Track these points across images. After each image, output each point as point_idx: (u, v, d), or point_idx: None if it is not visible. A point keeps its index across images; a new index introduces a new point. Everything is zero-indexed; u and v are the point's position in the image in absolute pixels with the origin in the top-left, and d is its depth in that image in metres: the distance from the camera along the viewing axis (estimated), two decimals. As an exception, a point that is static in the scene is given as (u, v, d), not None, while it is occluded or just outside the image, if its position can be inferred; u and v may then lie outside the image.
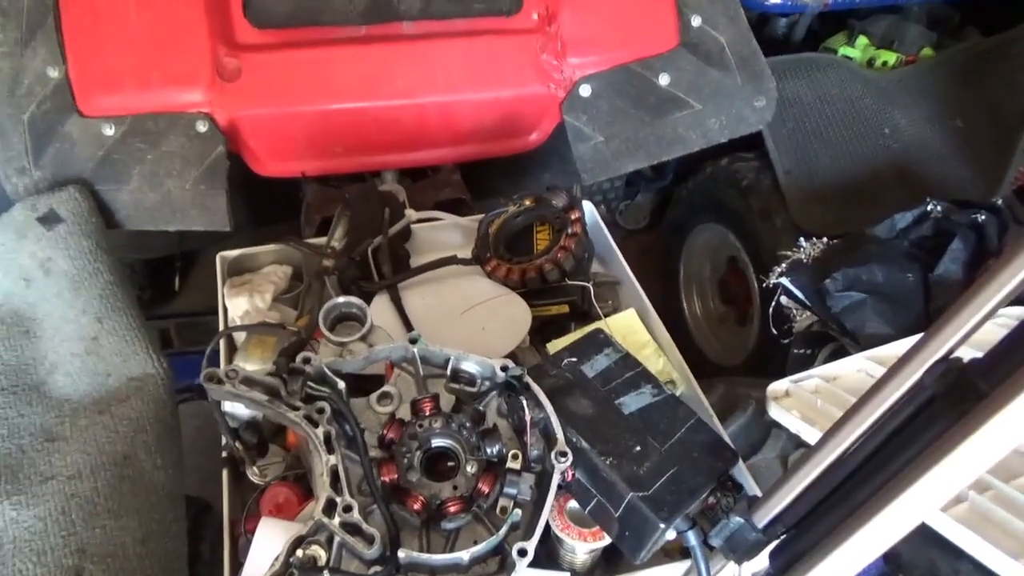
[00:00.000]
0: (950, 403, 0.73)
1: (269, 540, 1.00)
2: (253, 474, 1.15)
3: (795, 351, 1.78)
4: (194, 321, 2.52)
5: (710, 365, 2.57)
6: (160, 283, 2.65)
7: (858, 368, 1.50)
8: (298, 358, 1.01)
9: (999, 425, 0.66)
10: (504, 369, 1.03)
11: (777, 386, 1.45)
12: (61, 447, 1.40)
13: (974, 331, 0.75)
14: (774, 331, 1.86)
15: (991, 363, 0.72)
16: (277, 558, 0.88)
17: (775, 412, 1.41)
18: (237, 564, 1.07)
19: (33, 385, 1.50)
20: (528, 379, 1.02)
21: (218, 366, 1.31)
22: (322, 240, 1.51)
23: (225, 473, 1.16)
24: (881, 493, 0.77)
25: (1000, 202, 1.78)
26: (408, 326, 1.32)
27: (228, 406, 1.12)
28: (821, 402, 1.40)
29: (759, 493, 1.14)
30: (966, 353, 0.77)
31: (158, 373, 1.52)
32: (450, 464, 1.02)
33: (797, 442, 1.59)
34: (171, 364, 1.55)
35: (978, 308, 0.74)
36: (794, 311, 1.79)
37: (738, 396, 1.72)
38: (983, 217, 1.76)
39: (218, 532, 1.19)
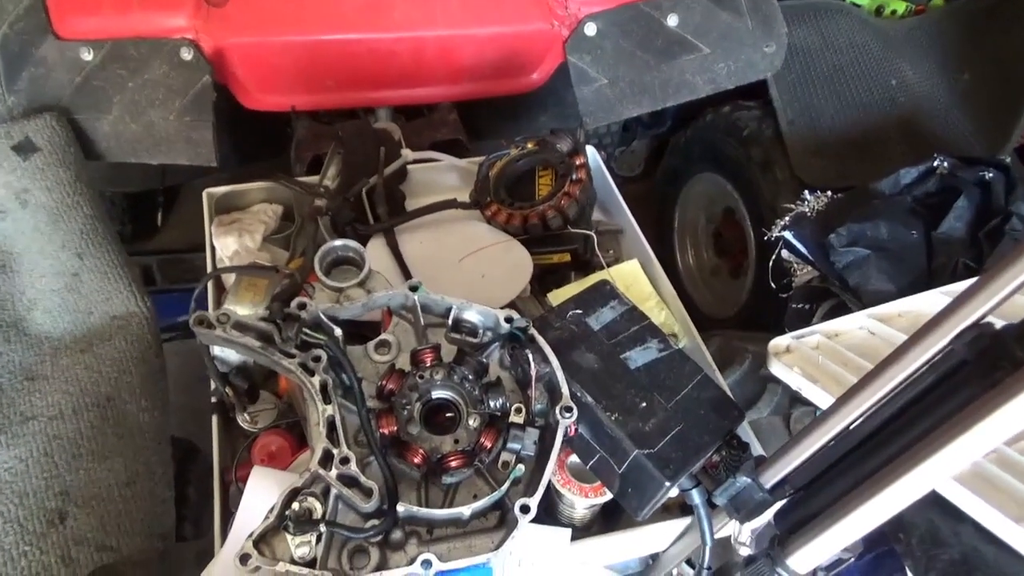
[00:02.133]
0: (982, 370, 0.70)
1: (262, 490, 0.97)
2: (244, 421, 1.11)
3: (793, 306, 1.76)
4: (177, 258, 2.46)
5: (702, 316, 2.55)
6: (142, 218, 2.57)
7: (860, 325, 1.48)
8: (293, 303, 0.97)
9: (1036, 394, 0.63)
10: (509, 320, 0.99)
11: (778, 342, 1.42)
12: (42, 386, 1.35)
13: (1010, 296, 0.72)
14: (772, 284, 1.83)
15: (1030, 329, 0.69)
16: (272, 509, 0.85)
17: (776, 368, 1.38)
18: (228, 513, 1.04)
19: (11, 322, 1.44)
20: (534, 331, 0.98)
21: (206, 308, 1.26)
22: (314, 179, 1.45)
23: (215, 419, 1.13)
24: (900, 460, 0.75)
25: (1009, 160, 1.74)
26: (405, 271, 1.27)
27: (217, 350, 1.07)
28: (823, 359, 1.37)
29: (763, 452, 1.13)
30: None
31: (142, 312, 1.47)
32: (449, 415, 0.99)
33: (793, 397, 1.58)
34: (154, 303, 1.50)
35: (1017, 275, 0.70)
36: (795, 265, 1.76)
37: (734, 350, 1.70)
38: (991, 175, 1.72)
39: (205, 475, 1.16)
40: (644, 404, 1.00)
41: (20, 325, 1.45)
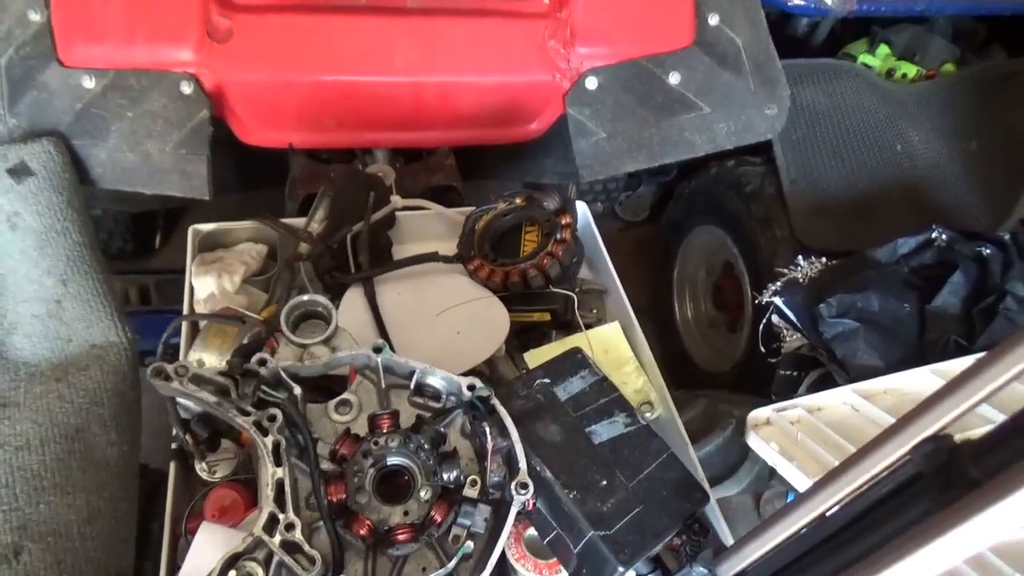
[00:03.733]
0: (937, 486, 0.68)
1: (208, 547, 0.95)
2: (202, 470, 1.10)
3: (781, 372, 1.73)
4: (174, 279, 2.45)
5: (697, 370, 2.53)
6: (143, 237, 2.59)
7: (844, 400, 1.45)
8: (253, 359, 0.95)
9: (987, 519, 0.61)
10: (471, 388, 0.97)
11: (758, 414, 1.40)
12: (12, 414, 1.35)
13: (969, 411, 0.70)
14: (762, 349, 1.81)
15: (987, 448, 0.66)
16: (211, 574, 0.83)
17: (753, 441, 1.36)
18: (174, 566, 1.02)
19: (-10, 346, 1.44)
20: (496, 402, 0.97)
21: (178, 352, 1.26)
22: (301, 221, 1.45)
23: (173, 466, 1.11)
24: (854, 568, 0.72)
25: (1008, 237, 1.72)
26: (380, 323, 1.26)
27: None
28: (801, 435, 1.35)
29: (728, 534, 1.10)
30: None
31: (121, 342, 1.47)
32: (405, 478, 0.97)
33: (772, 471, 1.55)
34: (146, 325, 1.50)
35: (979, 387, 0.68)
36: (784, 331, 1.73)
37: (719, 413, 1.67)
38: (988, 251, 1.70)
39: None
40: (605, 482, 0.98)
41: (-1, 349, 1.44)
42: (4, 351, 1.44)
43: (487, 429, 0.92)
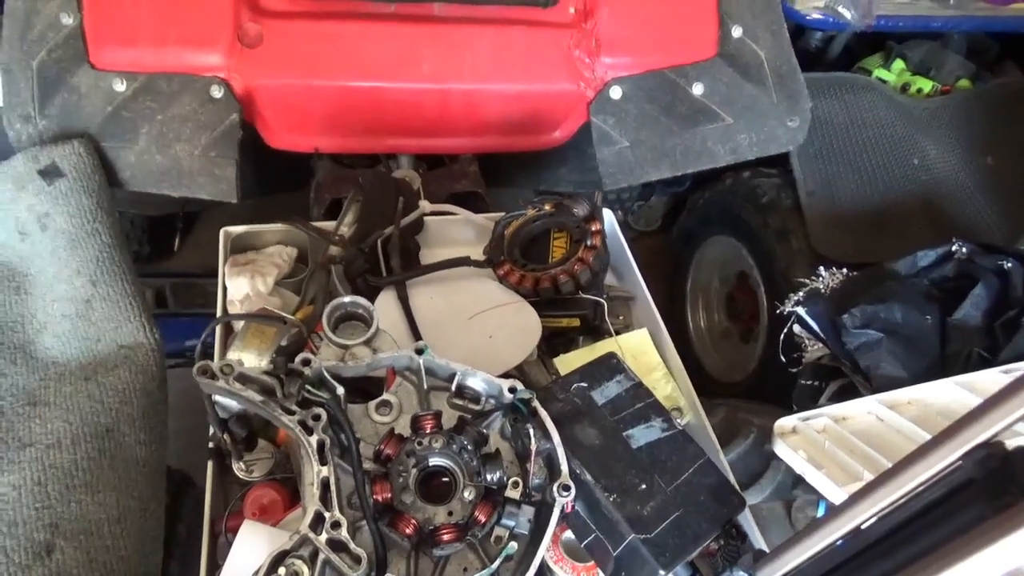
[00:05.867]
0: (988, 493, 0.69)
1: (250, 546, 0.95)
2: (239, 469, 1.10)
3: (802, 382, 1.74)
4: (191, 282, 2.47)
5: (710, 380, 2.53)
6: (160, 240, 2.60)
7: (868, 411, 1.46)
8: (297, 359, 0.96)
9: (1041, 527, 0.62)
10: (512, 391, 0.98)
11: (784, 422, 1.40)
12: (43, 413, 1.35)
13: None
14: (783, 358, 1.81)
15: (1044, 453, 0.67)
16: (258, 572, 0.84)
17: (781, 450, 1.36)
18: (214, 564, 1.03)
19: (19, 344, 1.45)
20: (536, 404, 0.97)
21: (213, 352, 1.26)
22: (331, 224, 1.46)
23: (210, 466, 1.12)
24: (903, 574, 0.73)
25: (1030, 250, 1.73)
26: (413, 326, 1.27)
27: (218, 395, 1.07)
28: (828, 444, 1.35)
29: (762, 542, 1.11)
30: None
31: (149, 343, 1.47)
32: (445, 480, 0.98)
33: (796, 477, 1.55)
34: (163, 331, 1.50)
35: (1031, 395, 0.69)
36: (806, 341, 1.74)
37: (740, 422, 1.68)
38: (1009, 264, 1.71)
39: (197, 511, 1.15)
40: (644, 486, 0.99)
41: (28, 348, 1.45)
42: (34, 350, 1.45)
43: (531, 431, 0.93)
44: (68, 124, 1.57)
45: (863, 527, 0.82)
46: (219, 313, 1.35)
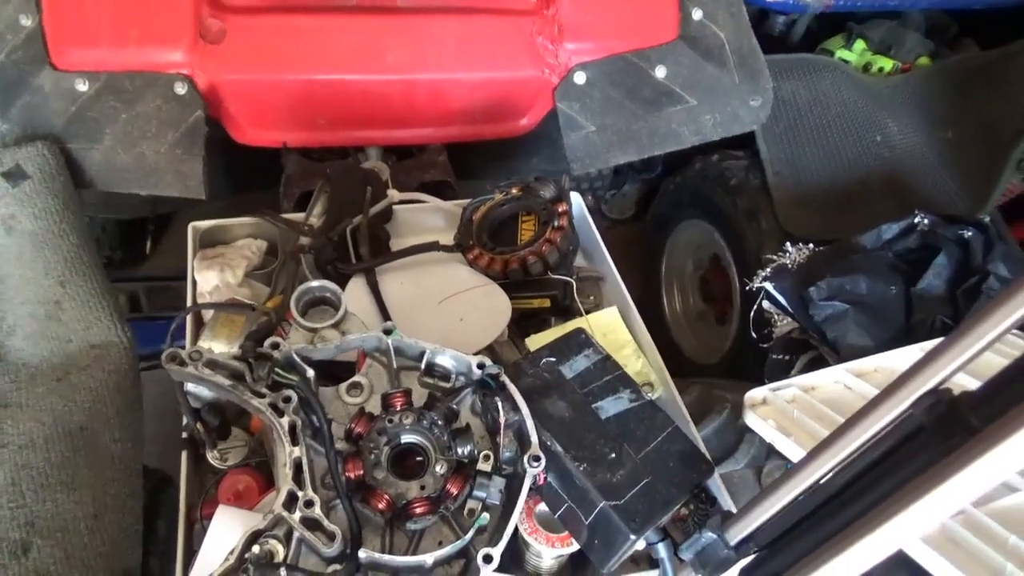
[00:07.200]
0: (938, 436, 0.71)
1: (225, 530, 0.96)
2: (213, 458, 1.11)
3: (773, 356, 1.77)
4: (164, 286, 2.46)
5: (686, 362, 2.56)
6: (131, 244, 2.58)
7: (836, 380, 1.49)
8: (266, 343, 0.97)
9: (988, 463, 0.64)
10: (481, 367, 0.99)
11: (755, 393, 1.42)
12: (15, 414, 1.35)
13: (968, 363, 0.73)
14: (753, 335, 1.84)
15: (984, 397, 0.69)
16: (232, 551, 0.84)
17: (751, 420, 1.38)
18: (191, 551, 1.03)
19: (-11, 348, 1.44)
20: (505, 379, 0.99)
21: (183, 342, 1.27)
22: (300, 216, 1.46)
23: (184, 455, 1.12)
24: (860, 521, 0.75)
25: (988, 219, 1.77)
26: (384, 312, 1.28)
27: (191, 385, 1.07)
28: (797, 412, 1.38)
29: (732, 506, 1.13)
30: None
31: (121, 342, 1.47)
32: (418, 459, 0.99)
33: (769, 449, 1.58)
34: (136, 332, 1.50)
35: (975, 340, 0.71)
36: (775, 316, 1.77)
37: (713, 398, 1.70)
38: (969, 233, 1.74)
39: (175, 508, 1.15)
40: (613, 455, 1.00)
41: (-1, 351, 1.44)
42: (4, 353, 1.44)
43: (499, 404, 0.94)
44: (31, 126, 1.56)
45: (822, 481, 0.85)
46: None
